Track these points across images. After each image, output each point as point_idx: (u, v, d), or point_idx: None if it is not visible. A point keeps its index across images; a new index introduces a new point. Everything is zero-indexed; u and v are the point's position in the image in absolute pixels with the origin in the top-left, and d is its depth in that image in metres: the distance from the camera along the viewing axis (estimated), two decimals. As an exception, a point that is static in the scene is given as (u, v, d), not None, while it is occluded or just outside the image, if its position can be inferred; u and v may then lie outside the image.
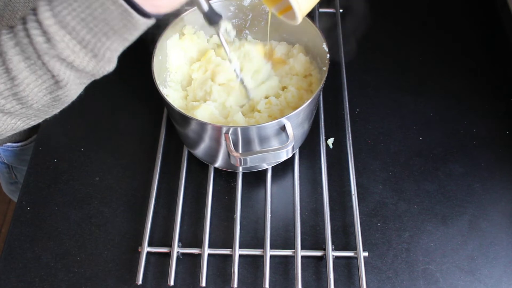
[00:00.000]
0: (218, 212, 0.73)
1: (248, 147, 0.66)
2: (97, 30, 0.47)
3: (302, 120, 0.67)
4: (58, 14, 0.46)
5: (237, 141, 0.64)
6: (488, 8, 0.99)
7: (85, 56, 0.48)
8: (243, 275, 0.68)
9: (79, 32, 0.47)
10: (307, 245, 0.69)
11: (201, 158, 0.75)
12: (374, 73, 0.89)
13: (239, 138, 0.63)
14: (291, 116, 0.62)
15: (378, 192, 0.75)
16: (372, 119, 0.83)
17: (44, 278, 0.67)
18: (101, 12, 0.46)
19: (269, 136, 0.64)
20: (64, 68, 0.48)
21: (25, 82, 0.48)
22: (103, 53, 0.49)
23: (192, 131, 0.67)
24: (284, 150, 0.61)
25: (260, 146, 0.66)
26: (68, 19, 0.46)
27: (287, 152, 0.62)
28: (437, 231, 0.71)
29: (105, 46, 0.49)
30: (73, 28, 0.46)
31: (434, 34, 0.95)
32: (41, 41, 0.46)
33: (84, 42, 0.47)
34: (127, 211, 0.73)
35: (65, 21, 0.46)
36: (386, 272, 0.67)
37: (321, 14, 0.96)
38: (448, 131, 0.81)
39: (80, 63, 0.49)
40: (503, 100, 0.85)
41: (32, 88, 0.49)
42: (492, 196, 0.74)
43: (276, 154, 0.62)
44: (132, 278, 0.67)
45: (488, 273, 0.67)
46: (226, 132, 0.62)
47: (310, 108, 0.67)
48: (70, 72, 0.49)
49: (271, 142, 0.66)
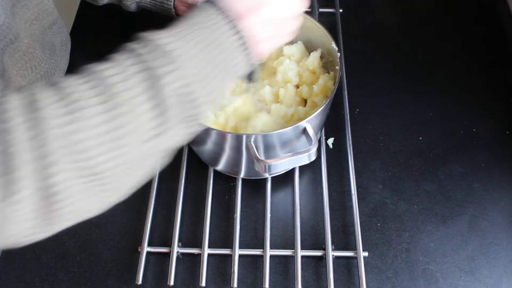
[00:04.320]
0: (218, 212, 0.73)
1: (269, 152, 0.65)
2: (215, 69, 0.43)
3: (320, 121, 0.67)
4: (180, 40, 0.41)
5: (259, 148, 0.62)
6: (488, 8, 0.99)
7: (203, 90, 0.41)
8: (243, 275, 0.68)
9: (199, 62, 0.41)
10: (307, 245, 0.69)
11: (225, 172, 0.75)
12: (374, 73, 0.89)
13: (260, 145, 0.62)
14: (311, 118, 0.61)
15: (378, 192, 0.75)
16: (372, 119, 0.83)
17: (44, 278, 0.67)
18: (223, 50, 0.43)
19: (288, 140, 0.64)
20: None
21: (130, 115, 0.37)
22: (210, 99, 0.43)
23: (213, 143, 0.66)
24: (306, 154, 0.59)
25: (281, 150, 0.65)
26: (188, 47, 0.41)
27: (310, 156, 0.60)
28: (437, 231, 0.71)
29: (215, 88, 0.43)
30: (195, 55, 0.41)
31: (434, 34, 0.95)
32: (158, 65, 0.39)
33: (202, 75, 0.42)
34: (127, 211, 0.73)
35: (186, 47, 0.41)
36: (386, 272, 0.67)
37: (321, 14, 0.96)
38: (448, 131, 0.81)
39: (196, 96, 0.41)
40: (503, 100, 0.85)
41: (137, 125, 0.38)
42: (492, 196, 0.74)
43: (300, 158, 0.60)
44: (132, 278, 0.67)
45: (488, 273, 0.67)
46: (248, 140, 0.61)
47: (327, 108, 0.67)
48: (179, 108, 0.40)
49: (290, 146, 0.65)
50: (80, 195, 0.36)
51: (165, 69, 0.39)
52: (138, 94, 0.38)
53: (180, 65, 0.40)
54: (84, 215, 0.39)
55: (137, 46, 0.40)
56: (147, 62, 0.39)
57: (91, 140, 0.35)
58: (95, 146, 0.35)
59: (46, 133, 0.33)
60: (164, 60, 0.39)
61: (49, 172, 0.33)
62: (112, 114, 0.36)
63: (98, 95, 0.36)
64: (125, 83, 0.38)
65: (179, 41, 0.41)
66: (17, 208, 0.33)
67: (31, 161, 0.33)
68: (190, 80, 0.40)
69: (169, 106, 0.39)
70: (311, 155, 0.59)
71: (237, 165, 0.71)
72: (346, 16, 0.96)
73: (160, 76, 0.39)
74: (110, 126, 0.36)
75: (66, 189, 0.34)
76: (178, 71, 0.39)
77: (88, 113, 0.35)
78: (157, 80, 0.38)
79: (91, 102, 0.36)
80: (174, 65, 0.39)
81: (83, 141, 0.35)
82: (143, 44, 0.40)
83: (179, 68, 0.40)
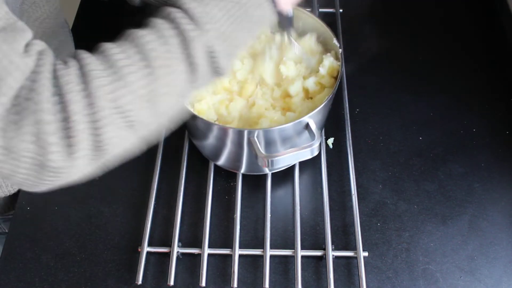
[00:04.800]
0: (218, 212, 0.73)
1: (270, 148, 0.65)
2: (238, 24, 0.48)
3: (323, 117, 0.68)
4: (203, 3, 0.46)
5: (261, 143, 0.63)
6: (488, 8, 0.99)
7: (224, 50, 0.47)
8: (243, 275, 0.68)
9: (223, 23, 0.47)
10: (307, 245, 0.69)
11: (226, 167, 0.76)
12: (374, 73, 0.89)
13: (262, 140, 0.63)
14: (314, 114, 0.62)
15: (378, 192, 0.75)
16: (372, 119, 0.83)
17: (44, 278, 0.67)
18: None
19: (291, 136, 0.64)
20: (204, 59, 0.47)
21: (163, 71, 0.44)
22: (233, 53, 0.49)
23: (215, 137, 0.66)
24: (309, 149, 0.60)
25: (282, 146, 0.66)
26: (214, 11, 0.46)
27: (313, 151, 0.61)
28: (437, 231, 0.71)
29: (239, 43, 0.49)
30: (218, 19, 0.47)
31: (434, 34, 0.95)
32: (190, 28, 0.45)
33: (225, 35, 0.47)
34: (127, 211, 0.73)
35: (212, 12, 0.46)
36: (386, 272, 0.67)
37: (321, 14, 0.96)
38: (448, 131, 0.81)
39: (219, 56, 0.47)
40: (503, 100, 0.85)
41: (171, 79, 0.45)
42: (492, 196, 0.74)
43: (303, 152, 0.60)
44: (132, 278, 0.67)
45: (488, 273, 0.67)
46: (251, 135, 0.61)
47: (330, 104, 0.68)
48: (208, 65, 0.47)
49: (292, 142, 0.65)
50: (125, 138, 0.44)
51: (195, 33, 0.45)
52: (175, 57, 0.44)
53: (208, 28, 0.46)
54: (128, 150, 0.47)
55: (172, 10, 0.46)
56: (180, 26, 0.45)
57: (135, 101, 0.43)
58: (139, 105, 0.43)
59: (99, 100, 0.41)
60: (195, 24, 0.45)
61: (102, 131, 0.42)
62: (153, 77, 0.43)
63: (140, 61, 0.43)
64: (163, 47, 0.44)
65: (209, 4, 0.46)
66: (77, 155, 0.41)
67: (87, 122, 0.41)
68: (217, 41, 0.46)
69: (200, 64, 0.46)
70: (313, 149, 0.60)
71: (239, 160, 0.71)
72: (346, 16, 0.96)
73: (192, 38, 0.45)
74: (152, 87, 0.44)
75: (115, 138, 0.43)
76: (207, 34, 0.46)
77: (132, 78, 0.42)
78: (189, 42, 0.45)
79: (135, 68, 0.43)
80: (203, 28, 0.45)
81: (129, 103, 0.42)
82: (177, 9, 0.46)
83: (208, 31, 0.46)
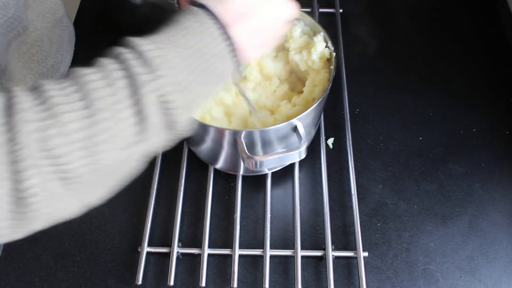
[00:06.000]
0: (218, 212, 0.73)
1: (257, 149, 0.65)
2: (198, 75, 0.42)
3: (312, 120, 0.67)
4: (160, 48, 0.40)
5: (249, 144, 0.63)
6: (488, 8, 0.99)
7: (180, 100, 0.40)
8: (243, 275, 0.68)
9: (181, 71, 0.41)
10: (307, 245, 0.69)
11: (224, 170, 0.75)
12: (374, 73, 0.89)
13: (252, 141, 0.62)
14: (302, 116, 0.61)
15: (378, 192, 0.75)
16: (372, 119, 0.83)
17: (44, 278, 0.67)
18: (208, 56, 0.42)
19: (280, 137, 0.64)
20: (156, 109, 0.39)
21: (106, 124, 0.37)
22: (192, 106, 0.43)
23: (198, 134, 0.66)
24: (297, 151, 0.60)
25: (270, 148, 0.65)
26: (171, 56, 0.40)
27: (300, 153, 0.60)
28: (437, 231, 0.71)
29: (198, 96, 0.43)
30: (175, 66, 0.40)
31: (434, 34, 0.95)
32: (141, 72, 0.38)
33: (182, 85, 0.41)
34: (127, 211, 0.73)
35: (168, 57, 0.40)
36: (386, 272, 0.67)
37: (321, 14, 0.96)
38: (448, 131, 0.81)
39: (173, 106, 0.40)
40: (503, 100, 0.85)
41: (115, 132, 0.37)
42: (492, 196, 0.74)
43: (290, 155, 0.60)
44: (132, 278, 0.67)
45: (488, 273, 0.67)
46: (238, 136, 0.61)
47: (320, 107, 0.67)
48: (160, 116, 0.40)
49: (282, 143, 0.65)
50: (57, 196, 0.36)
51: (147, 77, 0.38)
52: (119, 101, 0.37)
53: (163, 74, 0.39)
54: (64, 215, 0.39)
55: (124, 51, 0.40)
56: (131, 68, 0.38)
57: (68, 146, 0.35)
58: (72, 151, 0.35)
59: (22, 137, 0.34)
60: (148, 68, 0.39)
61: (23, 175, 0.34)
62: (92, 120, 0.36)
63: (79, 100, 0.36)
64: (107, 89, 0.37)
65: (165, 48, 0.41)
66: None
67: (5, 163, 0.33)
68: (171, 89, 0.40)
69: (150, 114, 0.39)
70: (301, 152, 0.60)
71: (236, 162, 0.71)
72: (346, 16, 0.96)
73: (142, 83, 0.38)
74: (89, 132, 0.36)
75: (41, 191, 0.35)
76: (161, 80, 0.39)
77: (66, 118, 0.35)
78: (139, 87, 0.38)
79: (71, 108, 0.36)
80: (157, 73, 0.39)
81: (60, 146, 0.35)
82: (129, 50, 0.40)
83: (162, 77, 0.39)
